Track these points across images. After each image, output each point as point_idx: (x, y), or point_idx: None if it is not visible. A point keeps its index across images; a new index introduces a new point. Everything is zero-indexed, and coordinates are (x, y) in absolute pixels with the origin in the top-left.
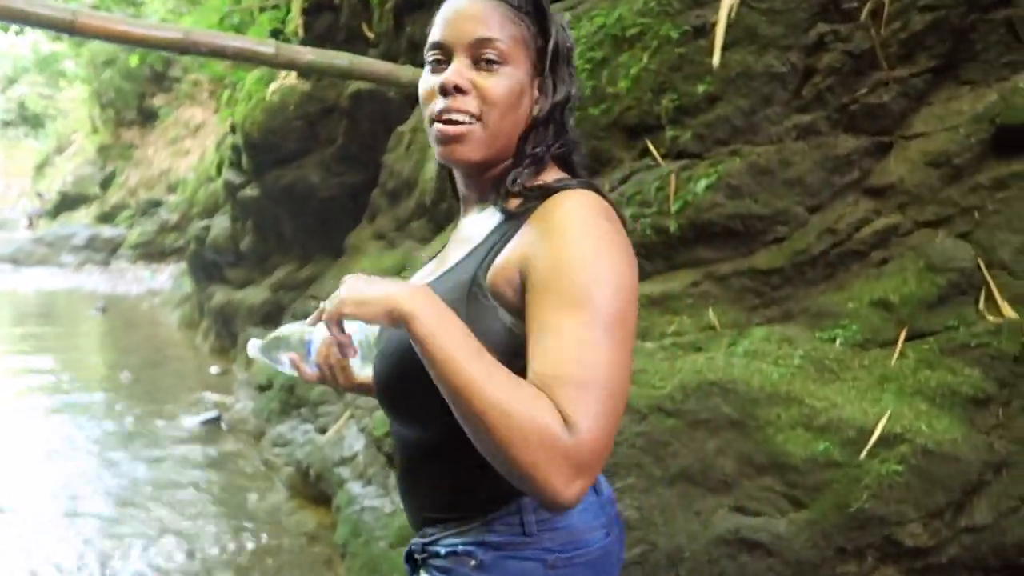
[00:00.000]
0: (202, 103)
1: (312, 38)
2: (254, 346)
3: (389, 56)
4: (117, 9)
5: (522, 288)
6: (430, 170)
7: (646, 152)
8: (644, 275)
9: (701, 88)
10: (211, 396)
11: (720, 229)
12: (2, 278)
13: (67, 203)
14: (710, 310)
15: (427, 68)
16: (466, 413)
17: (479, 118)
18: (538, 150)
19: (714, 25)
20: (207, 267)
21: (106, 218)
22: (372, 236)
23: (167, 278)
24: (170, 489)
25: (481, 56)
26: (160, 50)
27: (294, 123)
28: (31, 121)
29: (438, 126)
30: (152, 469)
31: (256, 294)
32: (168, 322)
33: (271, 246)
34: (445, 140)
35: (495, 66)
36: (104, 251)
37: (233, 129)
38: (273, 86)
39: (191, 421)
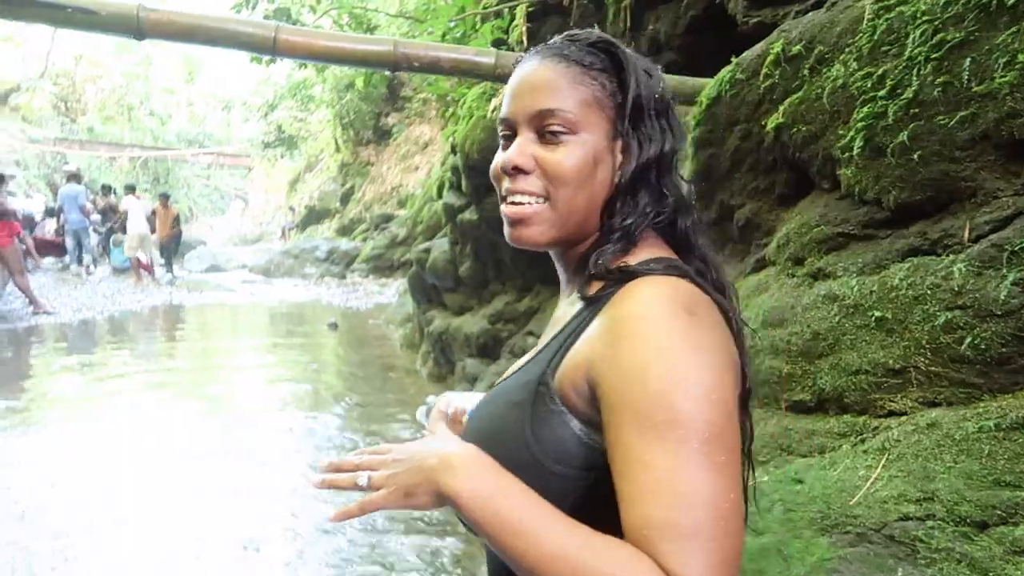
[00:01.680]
0: (430, 120)
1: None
2: (421, 412)
3: None
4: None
5: (591, 395)
6: None
7: None
8: None
9: None
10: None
11: None
12: (254, 289)
13: (313, 217)
14: None
15: (500, 144)
16: None
17: (547, 197)
18: (628, 222)
19: None
20: (426, 290)
21: (344, 231)
22: None
23: (394, 292)
24: (383, 535)
25: (544, 128)
26: (369, 66)
27: None
28: (287, 142)
29: (503, 207)
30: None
31: (473, 323)
32: (393, 340)
33: (490, 274)
34: (511, 222)
35: (561, 137)
36: (341, 264)
37: (454, 149)
38: (495, 102)
39: None
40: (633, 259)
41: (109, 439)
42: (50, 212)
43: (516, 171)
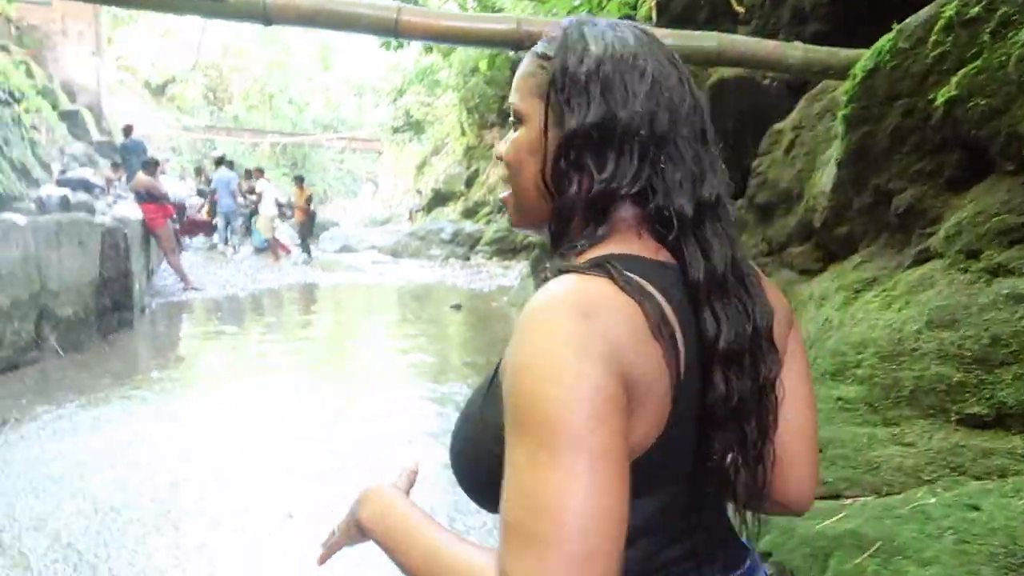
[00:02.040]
0: None
1: (668, 21)
2: None
3: (764, 33)
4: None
5: None
6: (821, 180)
7: None
8: None
9: None
10: None
11: None
12: (383, 269)
13: (439, 199)
14: None
15: None
16: None
17: (511, 185)
18: (562, 202)
19: None
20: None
21: (469, 214)
22: None
23: (516, 275)
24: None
25: (511, 121)
26: (493, 46)
27: None
28: (414, 127)
29: None
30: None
31: None
32: (515, 323)
33: None
34: None
35: (517, 128)
36: (465, 246)
37: None
38: None
39: None
40: (600, 251)
41: (243, 409)
42: (200, 194)
43: (499, 159)
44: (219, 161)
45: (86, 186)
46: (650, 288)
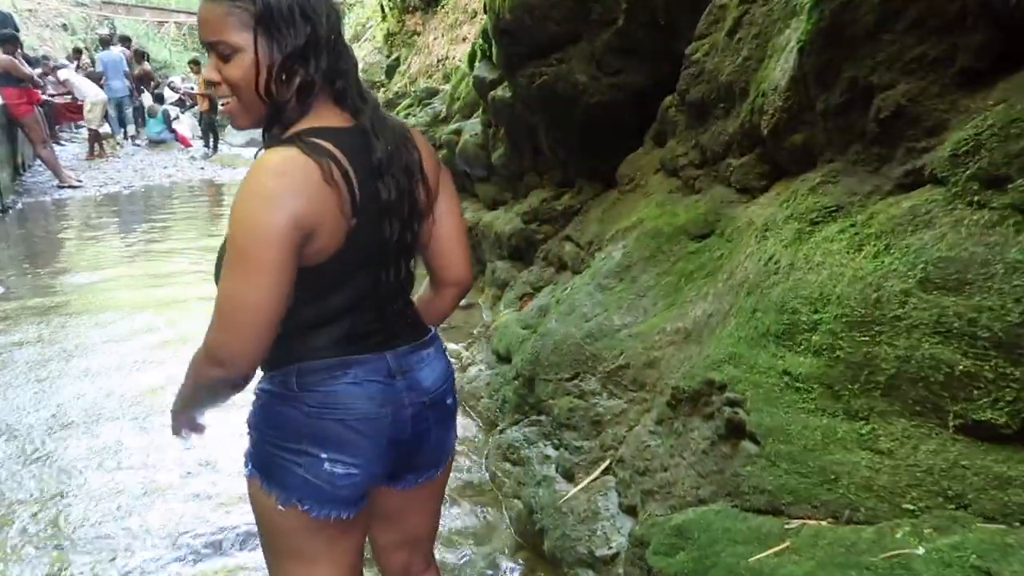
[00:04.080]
0: None
1: None
2: None
3: None
4: None
5: None
6: (774, 72)
7: None
8: None
9: None
10: (451, 345)
11: None
12: None
13: None
14: None
15: None
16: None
17: (236, 96)
18: (283, 99)
19: None
20: (457, 177)
21: (389, 106)
22: (658, 167)
23: None
24: None
25: (218, 53)
26: None
27: None
28: None
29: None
30: None
31: (505, 220)
32: None
33: (526, 163)
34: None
35: (228, 57)
36: None
37: (486, 9)
38: None
39: None
40: (301, 126)
41: (105, 327)
42: (91, 77)
43: (211, 84)
44: (107, 39)
45: None
46: (329, 147)
